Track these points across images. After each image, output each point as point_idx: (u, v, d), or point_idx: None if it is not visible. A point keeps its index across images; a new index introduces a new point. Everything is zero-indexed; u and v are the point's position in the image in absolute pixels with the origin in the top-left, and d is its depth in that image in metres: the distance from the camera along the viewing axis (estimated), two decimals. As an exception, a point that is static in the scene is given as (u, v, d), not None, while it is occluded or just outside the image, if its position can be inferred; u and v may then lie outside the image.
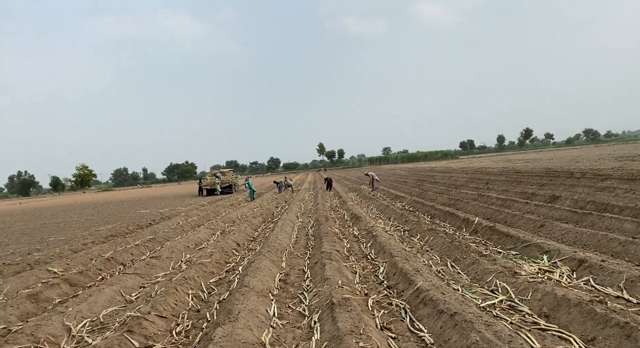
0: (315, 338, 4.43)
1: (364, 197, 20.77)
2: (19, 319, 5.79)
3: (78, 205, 38.65)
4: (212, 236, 12.31)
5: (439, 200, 15.31)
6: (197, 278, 7.13)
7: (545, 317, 4.39)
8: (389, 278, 6.60)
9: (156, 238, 11.50)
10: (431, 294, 5.02)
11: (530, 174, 21.88)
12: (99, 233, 13.81)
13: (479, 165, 41.12)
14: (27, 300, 6.30)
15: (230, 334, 4.26)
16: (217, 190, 33.06)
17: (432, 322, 4.55)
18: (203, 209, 20.17)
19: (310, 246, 9.73)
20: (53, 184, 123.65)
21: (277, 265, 8.01)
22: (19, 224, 21.51)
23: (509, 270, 5.78)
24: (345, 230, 11.62)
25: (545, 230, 8.43)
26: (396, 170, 55.23)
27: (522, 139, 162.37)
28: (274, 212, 17.69)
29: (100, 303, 6.10)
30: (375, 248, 8.69)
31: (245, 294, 5.64)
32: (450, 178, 26.59)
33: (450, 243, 7.99)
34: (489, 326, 3.92)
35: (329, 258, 7.51)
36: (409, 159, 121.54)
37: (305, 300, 5.91)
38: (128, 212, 23.01)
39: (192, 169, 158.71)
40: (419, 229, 10.08)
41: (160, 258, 8.80)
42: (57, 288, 7.04)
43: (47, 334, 4.87)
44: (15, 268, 8.78)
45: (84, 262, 9.02)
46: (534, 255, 6.70)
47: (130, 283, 7.16)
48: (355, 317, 4.50)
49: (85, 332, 5.20)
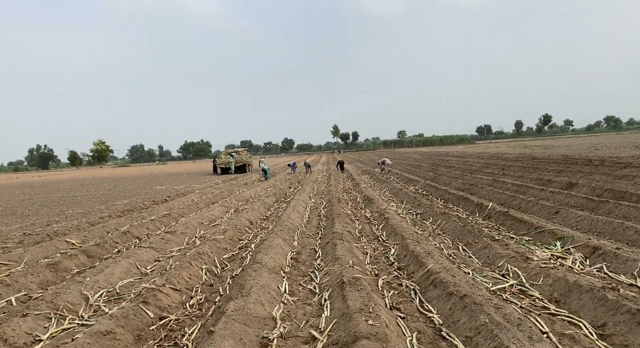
0: (325, 315, 4.50)
1: (377, 179, 20.73)
2: (39, 287, 5.99)
3: (95, 179, 39.36)
4: (225, 214, 12.47)
5: (453, 185, 15.22)
6: (210, 254, 7.26)
7: (556, 302, 4.39)
8: (400, 260, 6.64)
9: (171, 214, 11.69)
10: (441, 276, 5.05)
11: (547, 161, 21.57)
12: (116, 208, 14.09)
13: (495, 151, 40.64)
14: (47, 269, 6.51)
15: (243, 308, 4.35)
16: (231, 169, 33.32)
17: (441, 303, 4.59)
18: (217, 187, 20.38)
19: (322, 226, 9.80)
20: (71, 158, 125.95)
21: (289, 243, 8.10)
22: (38, 196, 22.03)
23: (520, 255, 5.76)
24: (358, 212, 11.66)
25: (559, 217, 8.35)
26: (411, 154, 54.89)
27: (541, 125, 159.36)
28: (286, 192, 17.80)
29: (117, 275, 6.26)
30: (387, 230, 8.72)
31: (258, 270, 5.74)
32: (465, 163, 26.35)
33: (462, 228, 7.97)
34: (499, 309, 3.93)
35: (341, 239, 7.57)
36: (424, 142, 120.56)
37: (316, 278, 5.99)
38: (144, 188, 23.37)
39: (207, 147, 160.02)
40: (431, 213, 10.06)
41: (175, 234, 8.96)
42: (75, 259, 7.25)
43: (66, 302, 5.04)
44: (35, 239, 9.03)
45: (101, 235, 9.24)
46: (547, 241, 6.65)
47: (145, 257, 7.33)
48: (365, 296, 4.55)
49: (102, 301, 5.36)
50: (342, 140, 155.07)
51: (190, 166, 68.91)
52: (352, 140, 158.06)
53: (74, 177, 49.11)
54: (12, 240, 9.06)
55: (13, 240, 9.05)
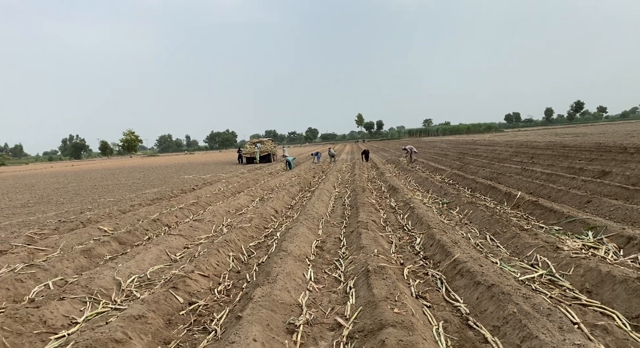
0: (350, 302, 4.53)
1: (402, 169, 20.55)
2: (74, 272, 6.23)
3: (125, 168, 40.39)
4: (251, 202, 12.62)
5: (481, 174, 14.94)
6: (237, 242, 7.38)
7: (588, 293, 4.29)
8: (426, 249, 6.59)
9: (199, 203, 11.91)
10: (468, 266, 4.99)
11: (578, 149, 20.87)
12: (145, 196, 14.44)
13: (524, 139, 39.60)
14: (81, 255, 6.75)
15: (269, 294, 4.42)
16: (256, 159, 33.65)
17: (468, 293, 4.54)
18: (243, 177, 20.62)
19: (346, 215, 9.81)
20: (102, 148, 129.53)
21: (314, 232, 8.15)
22: (72, 185, 22.77)
23: (550, 245, 5.63)
24: (382, 201, 11.60)
25: (592, 206, 8.10)
26: (436, 142, 54.06)
27: (572, 113, 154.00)
28: (311, 182, 17.85)
29: (147, 261, 6.45)
30: (412, 219, 8.66)
31: (283, 258, 5.81)
32: (493, 151, 25.79)
33: (490, 217, 7.84)
34: (527, 299, 3.87)
35: (365, 228, 7.56)
36: (450, 131, 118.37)
37: (340, 266, 6.02)
38: (172, 177, 23.85)
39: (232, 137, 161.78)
40: (458, 202, 9.93)
41: (203, 222, 9.14)
42: (107, 245, 7.49)
43: (100, 287, 5.22)
44: (69, 226, 9.37)
45: (132, 222, 9.50)
46: (579, 231, 6.48)
47: (174, 244, 7.51)
48: (391, 284, 4.55)
49: (134, 286, 5.54)
50: (366, 129, 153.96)
51: (216, 156, 69.85)
52: (377, 129, 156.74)
53: (105, 167, 50.50)
54: (48, 227, 9.41)
55: (49, 227, 9.41)
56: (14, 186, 25.07)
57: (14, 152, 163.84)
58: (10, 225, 10.33)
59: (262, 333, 3.59)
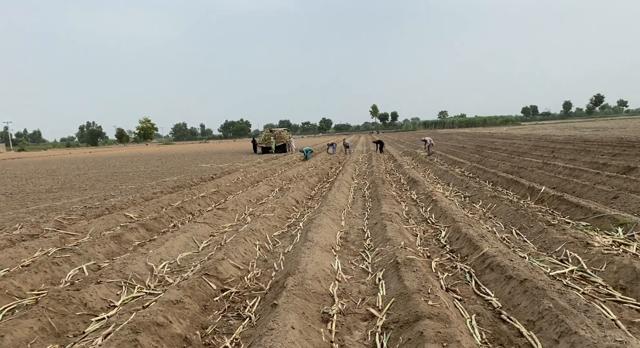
0: (381, 294, 4.58)
1: (420, 161, 20.45)
2: (105, 257, 6.39)
3: (143, 156, 40.87)
4: (271, 192, 12.72)
5: (501, 167, 14.81)
6: (262, 231, 7.47)
7: (622, 290, 4.26)
8: (452, 242, 6.60)
9: (219, 191, 12.04)
10: (498, 260, 5.00)
11: (600, 143, 20.56)
12: (166, 184, 14.64)
13: (543, 133, 39.04)
14: (111, 241, 6.91)
15: (301, 284, 4.49)
16: (272, 149, 33.80)
17: (499, 287, 4.55)
18: (260, 166, 20.75)
19: (367, 207, 9.83)
20: (118, 136, 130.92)
21: (337, 223, 8.20)
22: (92, 171, 23.16)
23: (580, 241, 5.59)
24: (403, 194, 11.60)
25: (619, 202, 8.00)
26: (453, 135, 53.59)
27: (592, 106, 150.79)
28: (328, 173, 17.89)
29: (176, 248, 6.57)
30: (436, 212, 8.65)
31: (310, 248, 5.87)
32: (512, 145, 25.51)
33: (515, 211, 7.80)
34: (562, 294, 3.87)
35: (389, 220, 7.59)
36: (466, 123, 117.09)
37: (367, 258, 6.06)
38: (190, 166, 24.09)
39: (246, 126, 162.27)
40: (480, 196, 9.88)
41: (226, 210, 9.25)
42: (135, 232, 7.64)
43: (134, 272, 5.35)
44: (95, 212, 9.56)
45: (156, 210, 9.66)
46: (607, 227, 6.41)
47: (200, 231, 7.63)
48: (422, 277, 4.58)
49: (165, 272, 5.67)
50: (380, 121, 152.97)
51: (231, 145, 70.21)
52: (391, 120, 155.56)
53: (122, 154, 51.15)
54: (75, 212, 9.61)
55: (76, 212, 9.60)
56: (35, 171, 25.58)
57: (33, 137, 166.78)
58: (37, 209, 10.58)
59: (298, 321, 3.66)
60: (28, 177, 21.75)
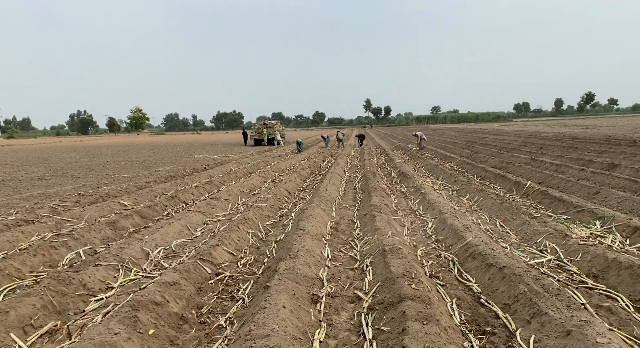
0: (367, 279, 4.81)
1: (411, 155, 20.73)
2: (101, 242, 6.56)
3: (134, 145, 40.76)
4: (263, 183, 12.90)
5: (490, 163, 15.13)
6: (255, 220, 7.67)
7: (594, 277, 4.53)
8: (438, 233, 6.85)
9: (212, 182, 12.20)
10: (480, 249, 5.25)
11: (588, 141, 20.96)
12: (159, 174, 14.76)
13: (534, 129, 39.52)
14: (107, 227, 7.07)
15: (292, 268, 4.70)
16: (264, 141, 33.95)
17: (480, 274, 4.80)
18: (253, 158, 20.89)
19: (358, 199, 10.07)
20: (109, 125, 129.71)
21: (328, 213, 8.42)
22: (84, 160, 23.15)
23: (559, 233, 5.87)
24: (393, 187, 11.84)
25: (600, 197, 8.31)
26: (445, 130, 53.99)
27: (583, 104, 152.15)
28: (321, 166, 18.10)
29: (171, 234, 6.76)
30: (424, 204, 8.90)
31: (302, 236, 6.08)
32: (502, 141, 25.88)
33: (500, 205, 8.07)
34: (537, 280, 4.12)
35: (379, 211, 7.82)
36: (459, 119, 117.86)
37: (356, 246, 6.29)
38: (182, 156, 24.16)
39: (239, 118, 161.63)
40: (468, 189, 10.15)
41: (220, 200, 9.43)
42: (130, 218, 7.80)
43: (130, 256, 5.53)
44: (89, 199, 9.68)
45: (150, 198, 9.81)
46: (586, 220, 6.71)
47: (194, 220, 7.81)
48: (407, 263, 4.81)
49: (161, 257, 5.85)
50: (373, 115, 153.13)
51: (223, 136, 70.09)
52: (385, 114, 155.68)
53: (114, 143, 50.90)
54: (69, 199, 9.72)
55: (70, 199, 9.71)
56: (26, 159, 25.49)
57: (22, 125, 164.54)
58: (31, 196, 10.68)
59: (289, 302, 3.87)
60: (19, 164, 21.71)
